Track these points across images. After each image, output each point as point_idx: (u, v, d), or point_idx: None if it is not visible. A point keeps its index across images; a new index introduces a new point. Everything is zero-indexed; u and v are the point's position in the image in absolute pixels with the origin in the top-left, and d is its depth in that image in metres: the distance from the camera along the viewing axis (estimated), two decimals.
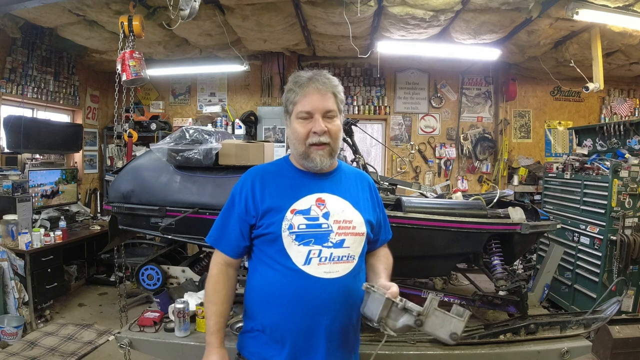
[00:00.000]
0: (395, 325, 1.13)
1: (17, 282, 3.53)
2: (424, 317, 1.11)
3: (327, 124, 1.23)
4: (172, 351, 1.90)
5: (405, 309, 1.12)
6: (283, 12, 3.84)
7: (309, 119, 1.23)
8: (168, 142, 2.27)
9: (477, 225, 2.03)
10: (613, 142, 3.99)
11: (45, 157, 4.93)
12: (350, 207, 1.29)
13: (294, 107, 1.26)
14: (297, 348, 1.21)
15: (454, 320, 1.11)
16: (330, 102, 1.25)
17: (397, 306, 1.12)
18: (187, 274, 2.48)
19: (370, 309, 1.14)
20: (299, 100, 1.24)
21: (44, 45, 4.68)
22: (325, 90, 1.24)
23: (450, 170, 5.96)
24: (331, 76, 1.29)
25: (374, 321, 1.14)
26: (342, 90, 1.30)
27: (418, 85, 5.96)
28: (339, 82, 1.30)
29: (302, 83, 1.25)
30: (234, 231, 1.30)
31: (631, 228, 3.40)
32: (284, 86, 1.34)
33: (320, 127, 1.22)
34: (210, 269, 1.35)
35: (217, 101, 5.99)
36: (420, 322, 1.11)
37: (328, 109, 1.24)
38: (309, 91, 1.23)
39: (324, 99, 1.24)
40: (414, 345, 1.93)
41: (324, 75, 1.27)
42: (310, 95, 1.23)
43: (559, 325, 2.03)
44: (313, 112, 1.23)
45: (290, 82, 1.29)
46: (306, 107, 1.23)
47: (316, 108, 1.23)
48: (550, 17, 3.75)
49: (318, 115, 1.23)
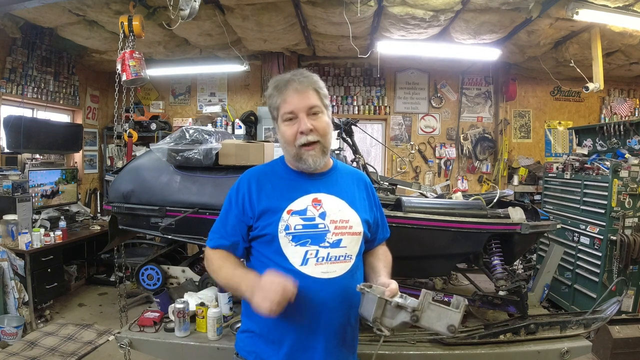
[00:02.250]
0: (392, 324, 1.13)
1: (17, 282, 3.53)
2: (419, 313, 1.11)
3: (313, 122, 1.22)
4: (172, 351, 1.90)
5: (400, 306, 1.12)
6: (283, 12, 3.84)
7: (294, 120, 1.23)
8: (168, 142, 2.27)
9: (477, 225, 2.03)
10: (613, 142, 3.98)
11: (45, 157, 4.94)
12: (347, 207, 1.29)
13: (278, 112, 1.26)
14: (294, 348, 1.21)
15: (449, 312, 1.11)
16: (312, 98, 1.23)
17: (391, 304, 1.12)
18: (187, 274, 2.48)
19: (366, 309, 1.15)
20: (280, 104, 1.24)
21: (44, 45, 4.68)
22: (304, 89, 1.22)
23: (450, 170, 5.96)
24: (309, 73, 1.27)
25: (370, 321, 1.14)
26: (323, 86, 1.28)
27: (418, 85, 5.96)
28: (318, 77, 1.28)
29: (280, 86, 1.24)
30: (232, 234, 1.30)
31: (631, 228, 3.40)
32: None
33: (306, 126, 1.20)
34: (206, 259, 1.33)
35: (217, 101, 5.99)
36: (416, 317, 1.11)
37: (310, 105, 1.22)
38: (289, 93, 1.22)
39: (305, 96, 1.22)
40: (414, 345, 1.93)
41: (302, 74, 1.25)
42: (290, 96, 1.22)
43: (559, 325, 2.03)
44: (296, 112, 1.22)
45: (270, 87, 1.27)
46: (288, 107, 1.22)
47: (298, 107, 1.22)
48: (550, 17, 3.75)
49: (302, 114, 1.22)
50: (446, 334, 1.11)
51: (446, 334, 1.11)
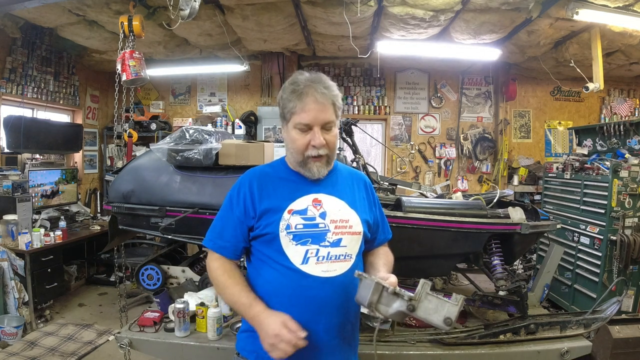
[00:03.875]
0: (387, 311, 1.10)
1: (17, 282, 3.53)
2: (416, 302, 1.08)
3: (325, 135, 1.23)
4: (172, 351, 1.90)
5: (397, 293, 1.10)
6: (283, 12, 3.84)
7: (308, 131, 1.22)
8: (168, 142, 2.27)
9: (477, 225, 2.03)
10: (613, 142, 3.98)
11: (45, 157, 4.94)
12: (347, 207, 1.30)
13: (291, 117, 1.24)
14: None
15: (447, 304, 1.07)
16: (329, 113, 1.22)
17: (388, 290, 1.10)
18: (187, 274, 2.48)
19: (362, 294, 1.13)
20: (297, 112, 1.22)
21: (44, 45, 4.68)
22: (325, 101, 1.21)
23: (450, 170, 5.96)
24: (330, 82, 1.25)
25: (365, 306, 1.11)
26: (340, 97, 1.27)
27: (418, 85, 5.96)
28: (336, 88, 1.27)
29: (300, 92, 1.21)
30: (232, 234, 1.29)
31: (631, 228, 3.40)
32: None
33: (320, 141, 1.21)
34: (209, 267, 1.33)
35: (217, 101, 5.99)
36: (412, 307, 1.08)
37: (327, 121, 1.22)
38: (308, 102, 1.20)
39: (323, 110, 1.21)
40: (414, 345, 1.93)
41: (323, 83, 1.23)
42: (309, 106, 1.20)
43: (559, 325, 2.03)
44: (312, 125, 1.21)
45: (287, 88, 1.25)
46: (305, 119, 1.21)
47: (315, 121, 1.21)
48: (550, 17, 3.75)
49: (317, 128, 1.21)
50: (442, 327, 1.07)
51: (442, 327, 1.07)
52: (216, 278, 1.29)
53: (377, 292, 1.10)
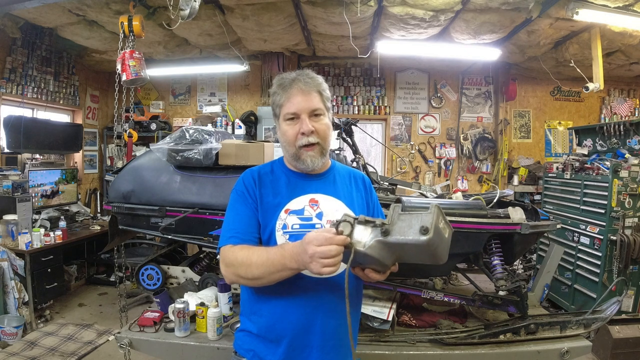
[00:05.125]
0: (365, 244, 1.03)
1: (17, 282, 3.53)
2: (389, 226, 1.02)
3: (314, 124, 1.24)
4: (172, 351, 1.90)
5: (368, 221, 1.04)
6: (283, 12, 3.84)
7: (296, 120, 1.24)
8: (168, 142, 2.27)
9: (477, 225, 2.03)
10: (613, 142, 3.99)
11: (45, 157, 4.93)
12: (344, 207, 1.30)
13: (280, 110, 1.27)
14: (292, 346, 1.22)
15: (421, 215, 1.01)
16: (315, 100, 1.25)
17: (358, 220, 1.05)
18: (187, 274, 2.48)
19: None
20: (284, 103, 1.25)
21: (44, 45, 4.68)
22: (309, 90, 1.24)
23: (450, 170, 5.96)
24: (315, 74, 1.29)
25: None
26: (326, 88, 1.30)
27: (418, 85, 5.96)
28: (323, 79, 1.30)
29: (285, 85, 1.25)
30: (251, 223, 1.25)
31: (631, 228, 3.40)
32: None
33: (308, 128, 1.22)
34: (226, 260, 1.20)
35: (217, 101, 5.99)
36: (387, 230, 1.02)
37: (313, 108, 1.24)
38: (293, 92, 1.23)
39: (309, 98, 1.24)
40: (414, 345, 1.93)
41: (307, 75, 1.26)
42: (294, 96, 1.23)
43: (559, 325, 2.03)
44: (299, 113, 1.23)
45: (274, 85, 1.29)
46: (291, 108, 1.24)
47: (302, 108, 1.23)
48: (550, 17, 3.75)
49: (304, 116, 1.23)
50: (421, 240, 0.98)
51: (421, 241, 0.98)
52: (235, 257, 1.17)
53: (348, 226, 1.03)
